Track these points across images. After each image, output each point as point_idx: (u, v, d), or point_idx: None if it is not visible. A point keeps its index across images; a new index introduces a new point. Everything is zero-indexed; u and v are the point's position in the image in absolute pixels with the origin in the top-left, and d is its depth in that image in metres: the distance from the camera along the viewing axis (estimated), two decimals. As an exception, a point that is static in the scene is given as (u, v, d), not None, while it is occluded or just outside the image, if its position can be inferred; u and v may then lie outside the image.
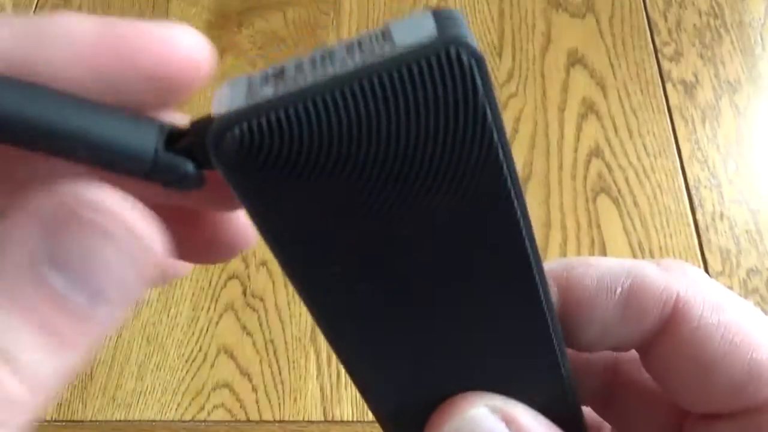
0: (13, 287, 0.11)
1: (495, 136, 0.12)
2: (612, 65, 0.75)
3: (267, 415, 0.59)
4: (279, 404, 0.59)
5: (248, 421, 0.58)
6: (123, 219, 0.12)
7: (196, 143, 0.13)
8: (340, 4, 0.80)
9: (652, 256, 0.64)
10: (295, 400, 0.59)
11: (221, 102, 0.13)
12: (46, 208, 0.11)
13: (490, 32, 0.78)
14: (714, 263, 0.64)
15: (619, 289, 0.16)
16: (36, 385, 0.11)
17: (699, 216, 0.66)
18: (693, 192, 0.68)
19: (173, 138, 0.13)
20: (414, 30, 0.12)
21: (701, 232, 0.66)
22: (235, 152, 0.12)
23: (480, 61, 0.12)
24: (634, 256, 0.64)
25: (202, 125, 0.13)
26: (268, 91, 0.12)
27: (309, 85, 0.12)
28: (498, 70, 0.75)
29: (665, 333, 0.16)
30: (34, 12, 0.80)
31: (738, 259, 0.64)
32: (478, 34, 0.78)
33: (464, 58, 0.12)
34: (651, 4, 0.79)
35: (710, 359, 0.15)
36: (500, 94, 0.74)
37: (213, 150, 0.12)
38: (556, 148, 0.70)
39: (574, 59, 0.76)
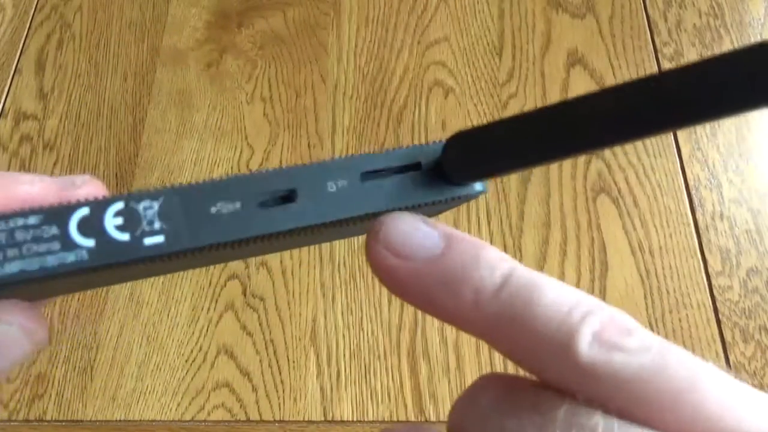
0: None
1: None
2: (612, 65, 0.75)
3: (267, 415, 0.59)
4: (279, 404, 0.59)
5: (248, 421, 0.59)
6: (23, 324, 0.17)
7: None
8: (340, 4, 0.80)
9: (652, 256, 0.64)
10: (295, 400, 0.59)
11: None
12: None
13: (490, 32, 0.78)
14: (714, 263, 0.64)
15: None
16: None
17: (699, 216, 0.66)
18: (693, 192, 0.68)
19: None
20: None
21: (701, 232, 0.66)
22: None
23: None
24: (634, 256, 0.64)
25: None
26: None
27: None
28: (498, 70, 0.75)
29: None
30: (34, 12, 0.80)
31: (738, 259, 0.64)
32: (478, 34, 0.78)
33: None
34: (651, 4, 0.79)
35: None
36: (500, 94, 0.74)
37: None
38: (556, 148, 0.70)
39: (574, 59, 0.76)
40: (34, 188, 0.16)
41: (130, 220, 0.15)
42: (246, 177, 0.16)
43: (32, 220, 0.14)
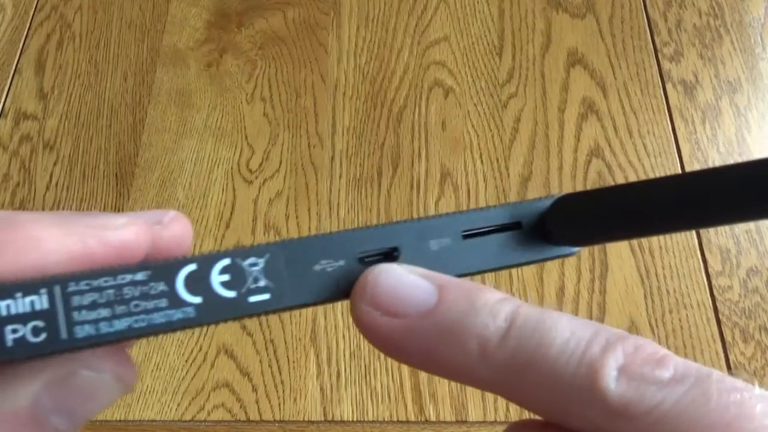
0: (16, 426, 0.14)
1: None
2: (612, 65, 0.75)
3: (267, 415, 0.59)
4: (279, 404, 0.59)
5: (248, 421, 0.58)
6: (115, 372, 0.15)
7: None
8: (340, 4, 0.80)
9: (651, 256, 0.64)
10: (295, 400, 0.59)
11: None
12: (50, 370, 0.14)
13: (490, 32, 0.78)
14: (714, 263, 0.64)
15: None
16: None
17: (699, 216, 0.66)
18: (693, 192, 0.68)
19: None
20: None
21: (701, 231, 0.66)
22: None
23: None
24: (634, 256, 0.64)
25: None
26: None
27: None
28: (498, 70, 0.75)
29: None
30: (34, 12, 0.80)
31: (738, 259, 0.64)
32: (478, 34, 0.78)
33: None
34: (651, 4, 0.79)
35: None
36: (500, 94, 0.74)
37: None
38: (556, 148, 0.70)
39: (574, 59, 0.76)
40: (128, 234, 0.15)
41: (236, 277, 0.15)
42: (350, 234, 0.16)
43: (140, 276, 0.14)
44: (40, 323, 0.13)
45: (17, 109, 0.75)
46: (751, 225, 0.66)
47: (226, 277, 0.15)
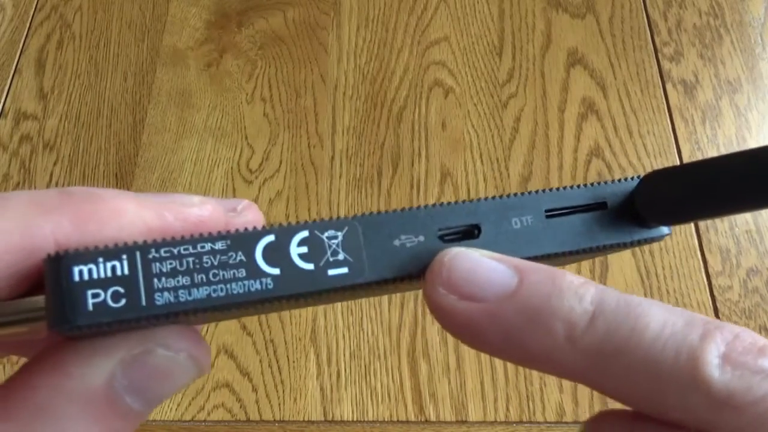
0: (89, 404, 0.14)
1: None
2: (612, 65, 0.75)
3: (267, 415, 0.59)
4: (279, 404, 0.59)
5: (248, 421, 0.59)
6: (191, 353, 0.15)
7: None
8: (340, 4, 0.80)
9: (651, 256, 0.64)
10: (295, 400, 0.59)
11: None
12: (125, 348, 0.14)
13: (490, 32, 0.78)
14: (714, 263, 0.64)
15: None
16: None
17: (699, 216, 0.66)
18: (693, 192, 0.68)
19: None
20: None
21: (701, 232, 0.66)
22: None
23: None
24: (634, 256, 0.64)
25: None
26: None
27: None
28: (498, 70, 0.75)
29: None
30: (34, 12, 0.80)
31: (738, 259, 0.64)
32: (478, 34, 0.78)
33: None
34: (651, 4, 0.79)
35: None
36: (500, 94, 0.74)
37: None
38: (556, 148, 0.70)
39: (574, 59, 0.76)
40: (204, 211, 0.16)
41: (315, 249, 0.14)
42: (431, 209, 0.16)
43: (219, 245, 0.14)
44: (120, 288, 0.13)
45: (17, 109, 0.75)
46: (751, 225, 0.66)
47: (304, 249, 0.14)
